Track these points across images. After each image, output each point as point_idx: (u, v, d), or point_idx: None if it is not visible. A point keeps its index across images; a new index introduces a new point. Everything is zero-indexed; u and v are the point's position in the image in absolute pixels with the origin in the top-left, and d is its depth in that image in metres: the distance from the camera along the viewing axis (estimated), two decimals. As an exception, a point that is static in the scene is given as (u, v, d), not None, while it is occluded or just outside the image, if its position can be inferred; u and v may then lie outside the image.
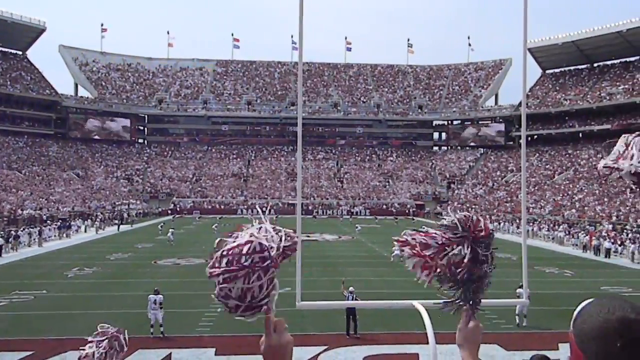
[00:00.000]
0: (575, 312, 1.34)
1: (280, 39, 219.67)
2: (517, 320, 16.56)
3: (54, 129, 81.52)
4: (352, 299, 15.63)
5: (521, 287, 15.67)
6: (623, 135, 1.92)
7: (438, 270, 2.10)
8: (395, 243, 2.23)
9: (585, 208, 52.37)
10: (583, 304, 1.39)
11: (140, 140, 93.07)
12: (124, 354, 3.08)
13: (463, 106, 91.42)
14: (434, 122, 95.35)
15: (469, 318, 2.09)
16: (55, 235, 42.05)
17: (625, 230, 40.25)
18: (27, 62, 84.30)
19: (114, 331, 3.12)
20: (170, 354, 13.80)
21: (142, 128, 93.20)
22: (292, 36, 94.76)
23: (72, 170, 74.32)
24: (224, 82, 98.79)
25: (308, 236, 42.23)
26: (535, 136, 79.11)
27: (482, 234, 2.07)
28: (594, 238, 36.86)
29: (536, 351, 14.00)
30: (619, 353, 1.19)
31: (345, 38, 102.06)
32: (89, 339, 3.03)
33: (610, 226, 42.28)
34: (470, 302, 2.10)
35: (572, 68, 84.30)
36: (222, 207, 73.50)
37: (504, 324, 16.37)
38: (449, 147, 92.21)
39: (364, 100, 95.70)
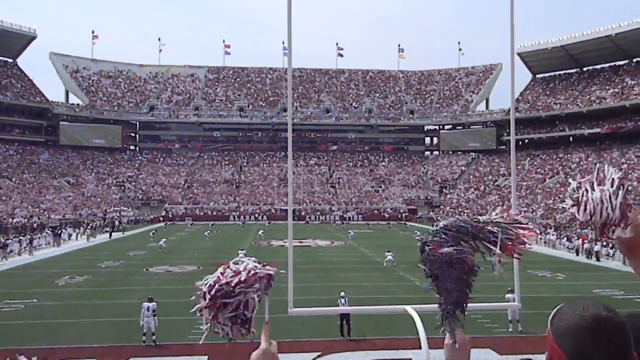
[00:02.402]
0: (552, 313, 1.44)
1: (271, 45, 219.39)
2: (511, 328, 16.55)
3: (44, 137, 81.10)
4: (345, 304, 15.61)
5: (510, 292, 15.78)
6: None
7: None
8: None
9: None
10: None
11: (132, 147, 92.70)
12: None
13: (454, 111, 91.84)
14: (426, 127, 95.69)
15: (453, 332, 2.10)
16: (46, 244, 41.74)
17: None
18: (17, 70, 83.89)
19: None
20: (163, 362, 13.71)
21: (133, 135, 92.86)
22: (283, 42, 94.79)
23: (63, 178, 73.88)
24: (215, 89, 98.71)
25: (300, 242, 42.18)
26: (526, 140, 79.56)
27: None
28: (585, 241, 37.03)
29: (529, 355, 14.02)
30: (592, 347, 1.32)
31: (337, 44, 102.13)
32: None
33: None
34: (452, 312, 2.09)
35: (562, 72, 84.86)
36: (215, 213, 73.27)
37: (497, 328, 16.40)
38: (441, 152, 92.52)
39: (356, 105, 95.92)
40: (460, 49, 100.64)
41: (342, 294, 16.15)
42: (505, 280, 12.88)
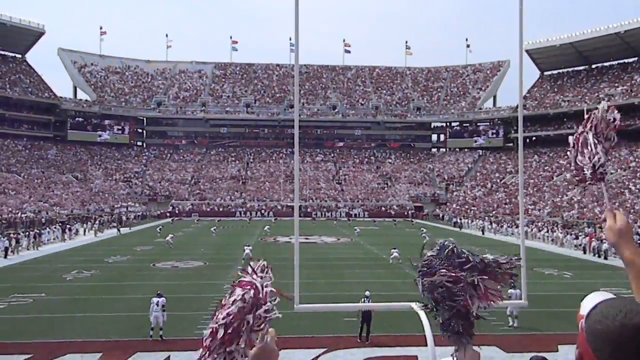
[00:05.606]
0: (585, 309, 1.38)
1: (278, 41, 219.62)
2: (510, 322, 16.54)
3: (52, 132, 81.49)
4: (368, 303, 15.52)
5: (512, 287, 15.78)
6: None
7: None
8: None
9: (585, 209, 52.39)
10: (591, 300, 1.39)
11: (139, 143, 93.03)
12: None
13: (461, 108, 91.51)
14: (432, 124, 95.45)
15: (464, 348, 2.08)
16: (54, 238, 41.99)
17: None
18: (26, 65, 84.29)
19: None
20: (169, 356, 13.77)
21: (140, 131, 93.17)
22: (290, 38, 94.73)
23: (71, 173, 74.25)
24: (222, 85, 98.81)
25: (307, 238, 42.23)
26: (534, 138, 79.21)
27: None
28: (593, 239, 36.88)
29: (535, 353, 13.99)
30: (633, 359, 1.20)
31: (344, 40, 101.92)
32: None
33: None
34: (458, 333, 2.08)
35: (570, 69, 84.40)
36: (221, 209, 73.45)
37: (503, 326, 16.36)
38: (447, 149, 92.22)
39: (362, 102, 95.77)
40: (467, 46, 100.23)
41: (367, 293, 16.03)
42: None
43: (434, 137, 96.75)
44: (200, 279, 24.93)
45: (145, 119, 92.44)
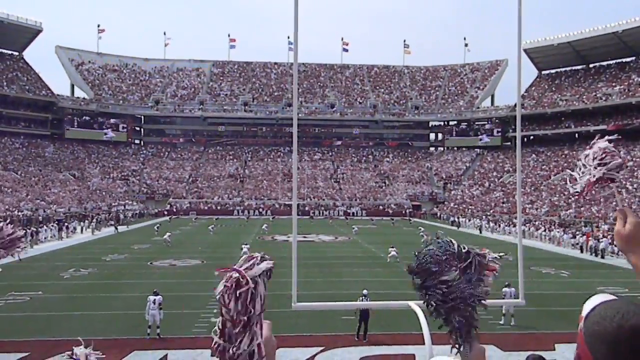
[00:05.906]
0: (586, 310, 1.35)
1: (276, 39, 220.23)
2: (503, 320, 16.56)
3: (50, 130, 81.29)
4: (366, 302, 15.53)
5: (507, 286, 15.88)
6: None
7: None
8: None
9: (582, 209, 52.50)
10: (593, 302, 1.39)
11: (137, 141, 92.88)
12: None
13: (459, 107, 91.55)
14: (430, 123, 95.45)
15: (470, 345, 2.07)
16: (52, 236, 41.93)
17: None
18: (23, 63, 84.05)
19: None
20: (167, 355, 13.77)
21: (138, 129, 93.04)
22: (288, 37, 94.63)
23: (69, 171, 74.11)
24: (220, 83, 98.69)
25: (304, 237, 42.24)
26: (532, 137, 79.28)
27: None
28: (590, 238, 36.97)
29: (532, 352, 14.04)
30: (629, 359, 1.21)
31: (342, 39, 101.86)
32: None
33: (607, 226, 42.37)
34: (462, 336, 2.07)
35: (568, 69, 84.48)
36: (219, 208, 73.41)
37: (500, 325, 16.39)
38: (445, 148, 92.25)
39: (361, 101, 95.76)
40: (466, 45, 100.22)
41: (365, 292, 16.03)
42: (509, 277, 12.82)
43: (432, 136, 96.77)
44: (197, 277, 24.92)
45: (142, 117, 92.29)
